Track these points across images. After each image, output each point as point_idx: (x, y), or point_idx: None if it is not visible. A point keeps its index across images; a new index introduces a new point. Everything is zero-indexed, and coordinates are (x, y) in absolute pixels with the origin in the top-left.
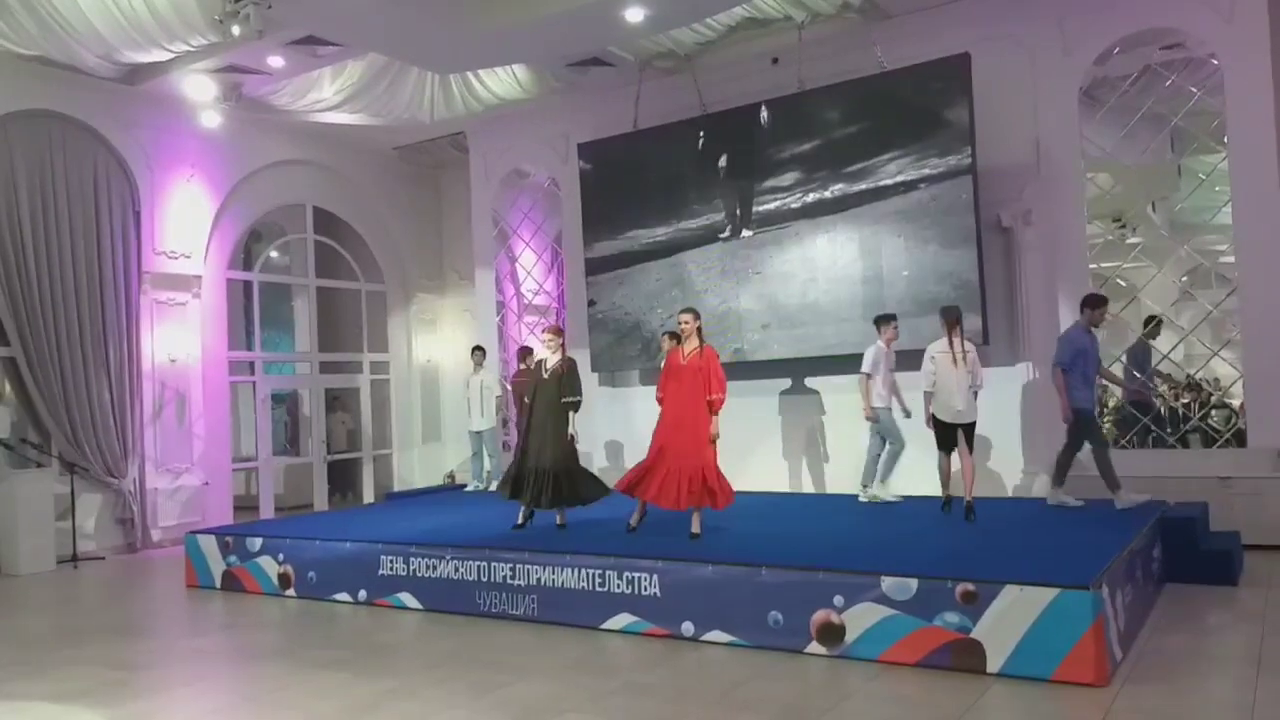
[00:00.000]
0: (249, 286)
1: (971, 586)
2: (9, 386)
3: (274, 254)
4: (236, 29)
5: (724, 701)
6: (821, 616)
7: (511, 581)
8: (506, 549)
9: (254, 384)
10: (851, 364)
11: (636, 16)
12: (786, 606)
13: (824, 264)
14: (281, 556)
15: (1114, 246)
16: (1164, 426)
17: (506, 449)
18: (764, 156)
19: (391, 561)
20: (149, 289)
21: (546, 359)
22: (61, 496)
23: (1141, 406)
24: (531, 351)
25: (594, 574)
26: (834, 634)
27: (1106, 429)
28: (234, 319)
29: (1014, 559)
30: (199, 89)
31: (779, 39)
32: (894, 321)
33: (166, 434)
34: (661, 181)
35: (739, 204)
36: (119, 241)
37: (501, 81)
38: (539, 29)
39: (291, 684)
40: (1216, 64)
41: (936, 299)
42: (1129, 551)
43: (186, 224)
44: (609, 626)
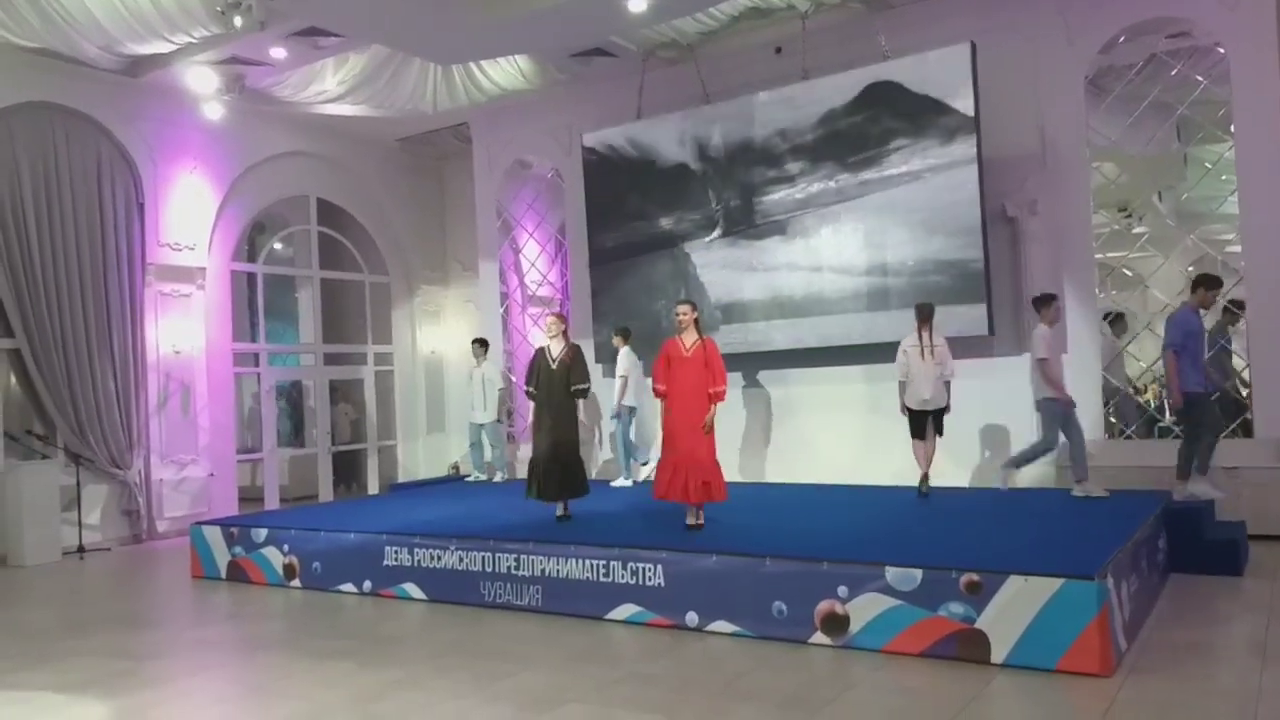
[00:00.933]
0: (253, 278)
1: (976, 577)
2: (14, 378)
3: (278, 246)
4: (239, 20)
5: (728, 692)
6: (826, 607)
7: (516, 572)
8: (511, 540)
9: (258, 375)
10: (856, 355)
11: (640, 6)
12: (791, 597)
13: (828, 255)
14: (286, 547)
15: (1120, 236)
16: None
17: (512, 440)
18: (768, 147)
19: (396, 552)
20: (153, 281)
21: (549, 347)
22: (67, 488)
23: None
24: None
25: (598, 564)
26: (838, 624)
27: (1111, 421)
28: (238, 311)
29: (1018, 549)
30: (201, 81)
31: (782, 28)
32: (1055, 301)
33: (171, 425)
34: (665, 172)
35: (743, 195)
36: (122, 233)
37: (504, 72)
38: (542, 19)
39: (297, 674)
40: (1223, 52)
41: (941, 289)
42: (1134, 542)
43: (190, 216)
44: (613, 617)
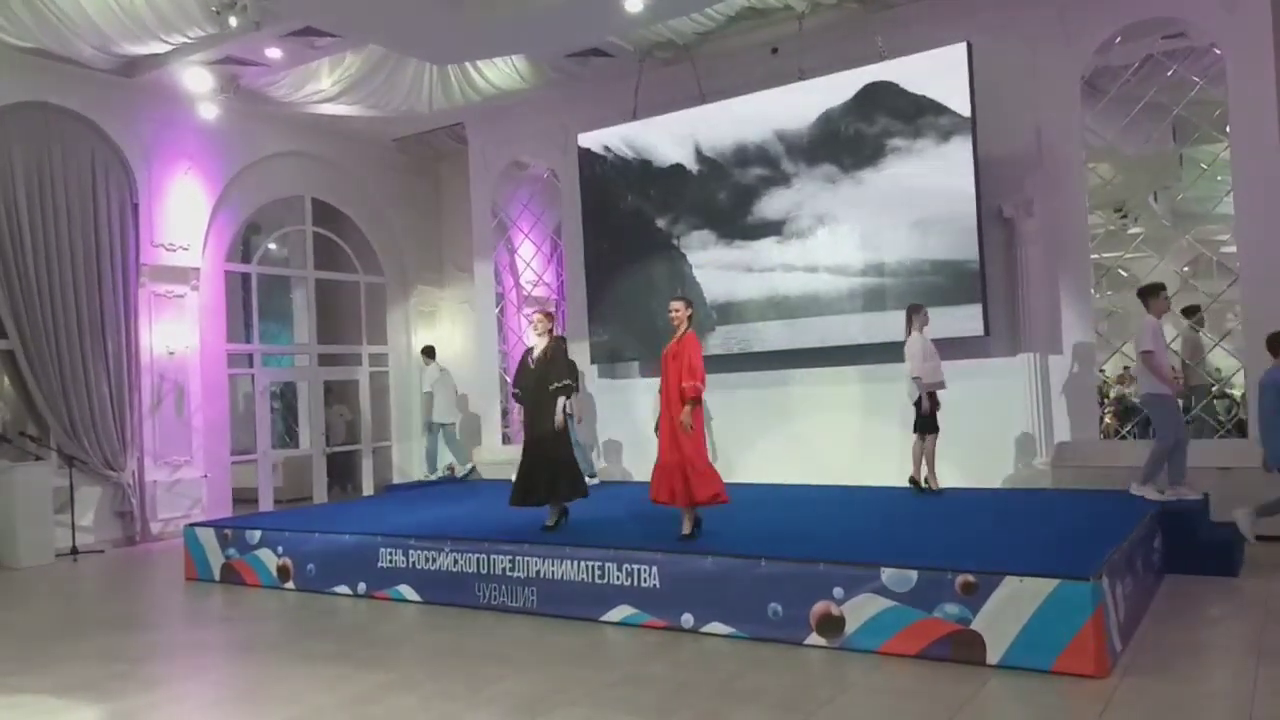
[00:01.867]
0: (247, 279)
1: (971, 578)
2: (7, 379)
3: (272, 246)
4: (234, 20)
5: (724, 693)
6: (821, 608)
7: (511, 574)
8: (505, 541)
9: (252, 376)
10: (852, 356)
11: (636, 6)
12: (786, 598)
13: (824, 255)
14: (281, 549)
15: (1116, 236)
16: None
17: (508, 441)
18: (764, 147)
19: (391, 554)
20: (147, 281)
21: (534, 346)
22: (60, 489)
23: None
24: (563, 340)
25: (593, 566)
26: (834, 625)
27: (1106, 422)
28: (232, 311)
29: (1014, 550)
30: (196, 81)
31: (779, 28)
32: (1164, 291)
33: (165, 427)
34: (661, 172)
35: (739, 195)
36: (117, 234)
37: (500, 72)
38: (538, 19)
39: (291, 677)
40: (1218, 53)
41: (937, 290)
42: (1129, 542)
43: (184, 216)
44: (608, 618)
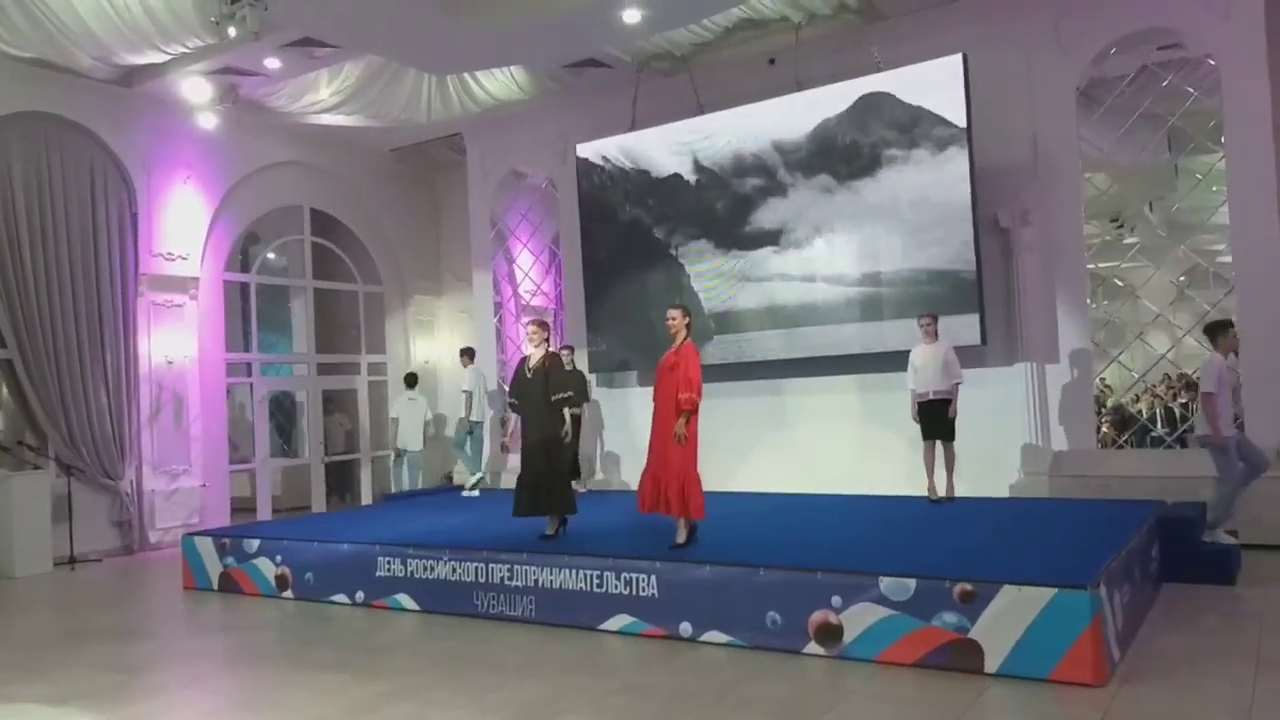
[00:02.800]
0: (246, 288)
1: (970, 586)
2: (5, 388)
3: (271, 256)
4: (233, 30)
5: (722, 702)
6: (819, 617)
7: (509, 582)
8: (504, 550)
9: (251, 385)
10: (849, 365)
11: (634, 18)
12: (784, 607)
13: (821, 265)
14: (279, 558)
15: (1111, 246)
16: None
17: (505, 449)
18: (761, 157)
19: (389, 563)
20: (146, 291)
21: (530, 356)
22: (59, 498)
23: None
24: (573, 349)
25: (592, 575)
26: (832, 634)
27: (1104, 431)
28: (231, 321)
29: (1012, 559)
30: (195, 91)
31: (776, 40)
32: (1232, 329)
33: (164, 436)
34: (659, 182)
35: (736, 205)
36: (115, 243)
37: (498, 82)
38: (536, 30)
39: (289, 686)
40: (1213, 64)
41: (934, 299)
42: (1127, 551)
43: (183, 226)
44: (607, 627)
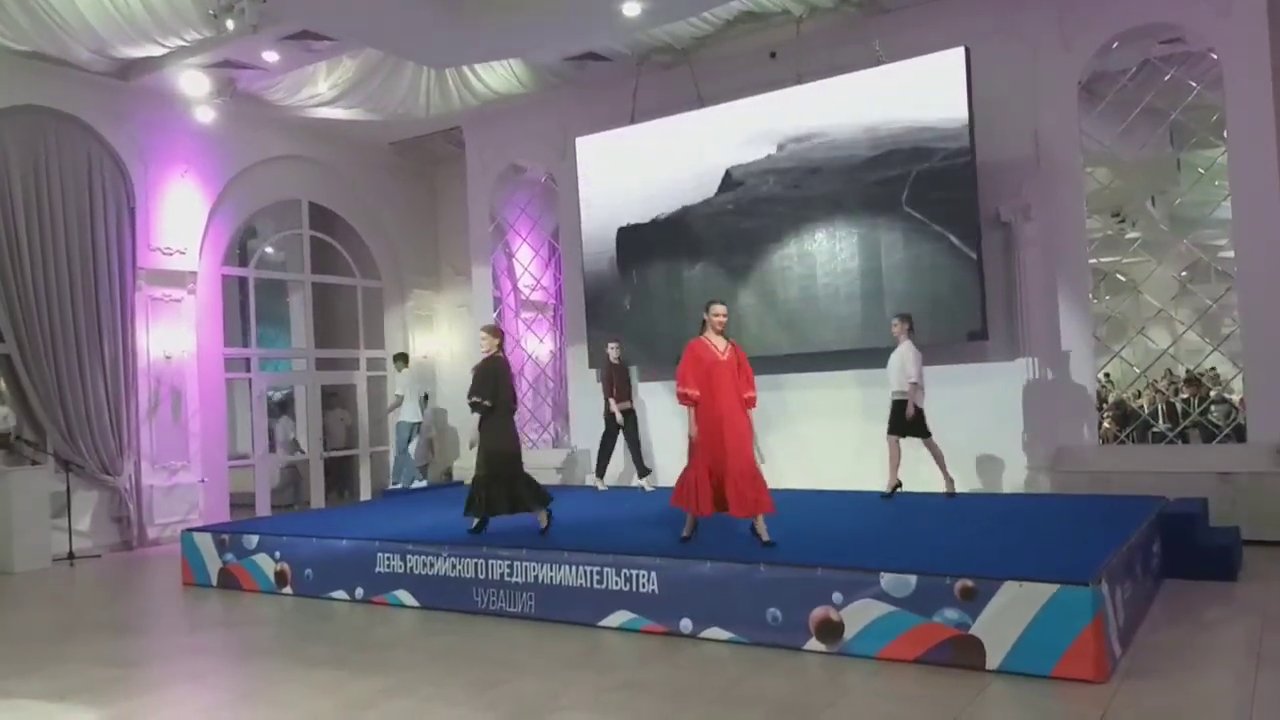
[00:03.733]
0: (244, 282)
1: (971, 582)
2: (3, 383)
3: (269, 250)
4: (231, 23)
5: (722, 699)
6: (820, 613)
7: (509, 579)
8: (503, 546)
9: (250, 380)
10: (850, 360)
11: (634, 11)
12: (785, 603)
13: (823, 260)
14: (278, 554)
15: (1113, 241)
16: None
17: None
18: (762, 150)
19: (388, 559)
20: (144, 285)
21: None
22: (57, 494)
23: None
24: (620, 342)
25: (592, 571)
26: (833, 631)
27: (1105, 427)
28: (229, 315)
29: (1013, 555)
30: (193, 84)
31: (777, 33)
32: None
33: (162, 431)
34: (659, 176)
35: (737, 199)
36: (113, 237)
37: (498, 76)
38: (535, 23)
39: (288, 682)
40: (1216, 58)
41: (935, 294)
42: (1128, 547)
43: (181, 220)
44: (607, 624)
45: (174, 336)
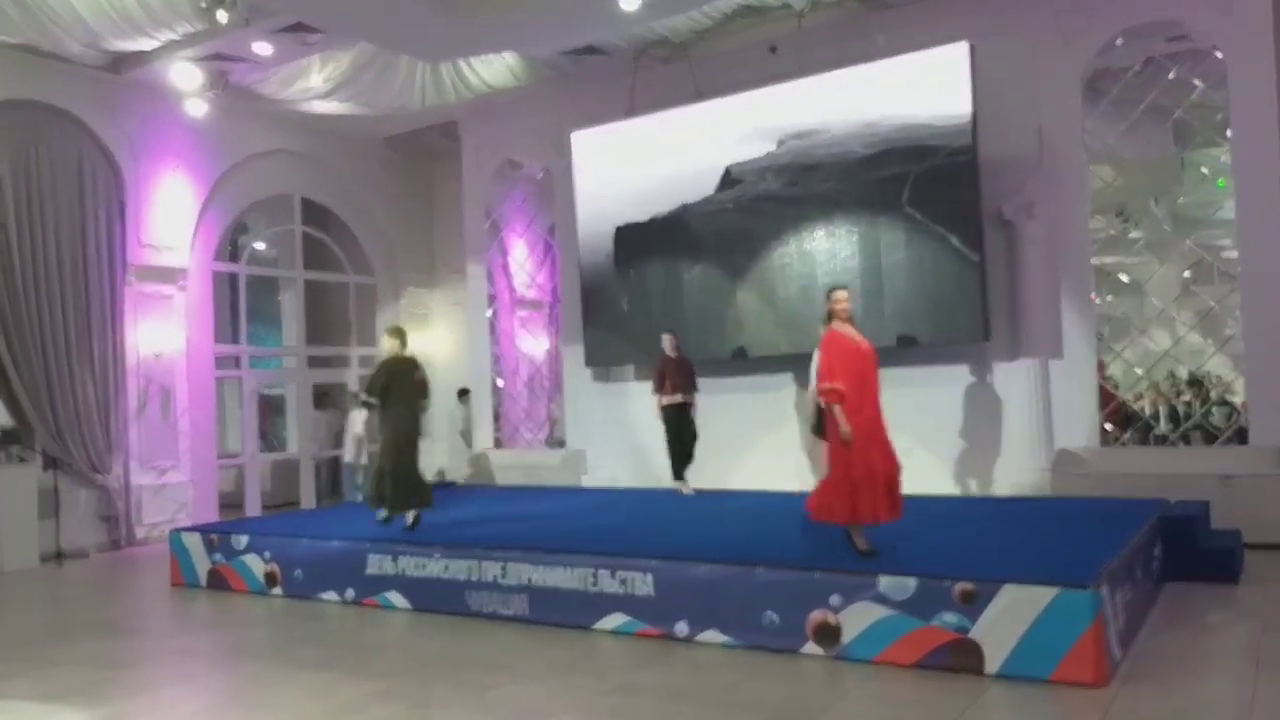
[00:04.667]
0: (235, 279)
1: (970, 586)
2: None
3: (261, 246)
4: (223, 15)
5: (719, 703)
6: (818, 616)
7: (502, 581)
8: (496, 548)
9: (240, 378)
10: None
11: (632, 4)
12: (782, 606)
13: (823, 258)
14: (268, 554)
15: (1116, 240)
16: None
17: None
18: (762, 147)
19: (379, 560)
20: (133, 281)
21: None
22: (45, 493)
23: None
24: (675, 334)
25: (586, 573)
26: (830, 634)
27: (1107, 429)
28: (220, 312)
29: (1013, 558)
30: (185, 77)
31: (777, 27)
32: None
33: (151, 430)
34: (657, 173)
35: (736, 196)
36: (103, 233)
37: (494, 69)
38: (532, 17)
39: (277, 684)
40: (1220, 57)
41: (937, 294)
42: (1129, 550)
43: (172, 215)
44: (601, 627)
45: (164, 333)
